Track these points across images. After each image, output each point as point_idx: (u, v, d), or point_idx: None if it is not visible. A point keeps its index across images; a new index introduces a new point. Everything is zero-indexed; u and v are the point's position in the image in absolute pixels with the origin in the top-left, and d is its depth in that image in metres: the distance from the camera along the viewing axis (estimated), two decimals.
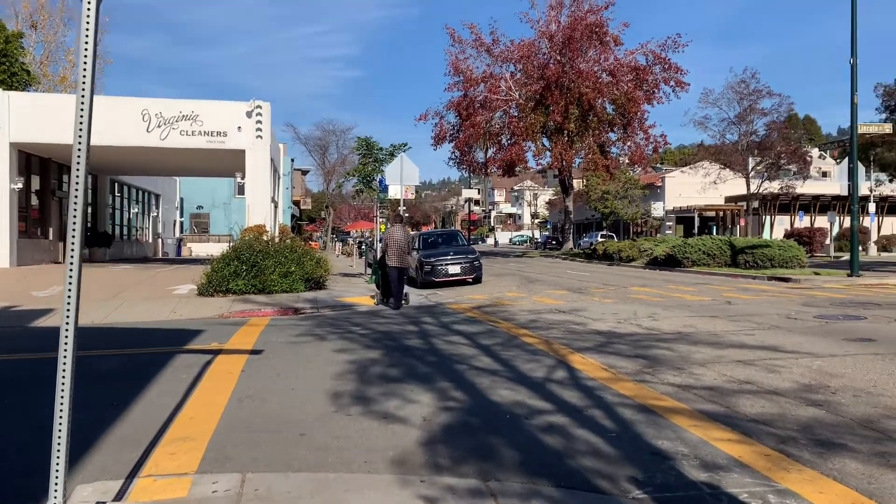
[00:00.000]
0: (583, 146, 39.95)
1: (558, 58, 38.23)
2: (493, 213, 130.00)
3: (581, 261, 36.49)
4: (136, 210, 39.21)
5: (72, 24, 49.50)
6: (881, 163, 34.18)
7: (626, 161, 42.82)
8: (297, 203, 66.37)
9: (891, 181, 36.73)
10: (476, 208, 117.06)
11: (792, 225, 57.38)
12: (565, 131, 39.35)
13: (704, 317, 12.24)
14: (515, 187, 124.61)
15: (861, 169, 20.38)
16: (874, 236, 52.19)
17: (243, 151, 23.61)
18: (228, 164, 25.37)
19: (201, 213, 52.91)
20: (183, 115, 23.16)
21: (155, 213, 43.30)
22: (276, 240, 19.69)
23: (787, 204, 57.52)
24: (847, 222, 57.26)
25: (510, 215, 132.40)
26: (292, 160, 65.20)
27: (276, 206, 30.17)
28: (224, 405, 6.35)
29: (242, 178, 24.11)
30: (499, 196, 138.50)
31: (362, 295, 17.65)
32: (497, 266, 32.39)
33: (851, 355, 8.26)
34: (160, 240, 44.13)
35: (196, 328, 11.64)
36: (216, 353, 9.05)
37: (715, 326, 10.93)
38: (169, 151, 23.95)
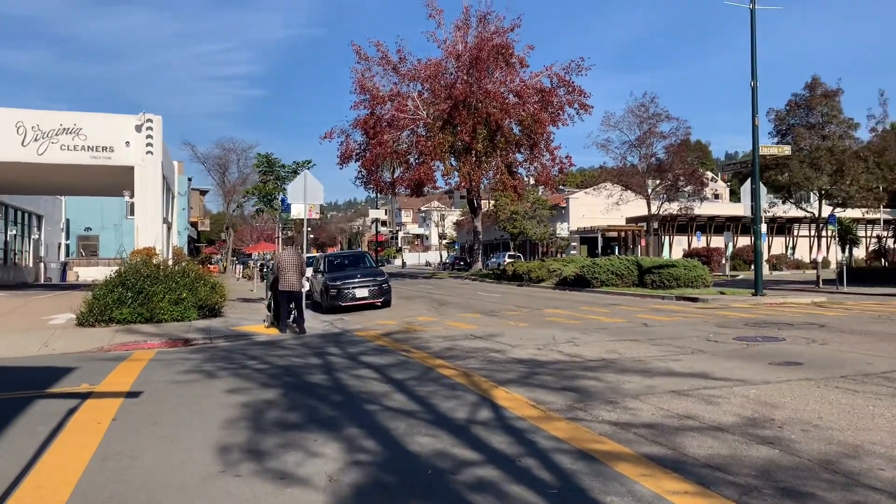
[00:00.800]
0: (490, 166, 39.79)
1: (465, 78, 38.03)
2: (401, 234, 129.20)
3: (491, 282, 36.14)
4: (14, 232, 35.99)
5: None
6: (774, 185, 35.67)
7: (533, 182, 42.97)
8: (194, 224, 63.40)
9: (783, 203, 38.34)
10: (383, 229, 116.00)
11: (690, 245, 59.51)
12: (473, 151, 39.09)
13: (625, 341, 11.77)
14: (423, 208, 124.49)
15: (762, 190, 20.85)
16: (765, 255, 54.59)
17: (132, 168, 21.78)
18: (116, 181, 23.42)
19: (90, 235, 49.38)
20: (64, 129, 21.16)
21: (36, 236, 39.98)
22: (168, 263, 18.15)
23: (685, 224, 59.63)
24: (741, 242, 59.98)
25: (417, 236, 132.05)
26: (189, 179, 62.40)
27: (169, 228, 28.17)
28: (84, 467, 5.18)
29: (131, 196, 22.24)
30: (406, 217, 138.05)
31: (261, 323, 16.37)
32: (406, 288, 31.52)
33: (785, 382, 7.86)
34: (42, 264, 40.78)
35: (67, 365, 10.17)
36: (85, 396, 7.74)
37: (639, 352, 10.44)
38: (47, 168, 21.80)
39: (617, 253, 57.94)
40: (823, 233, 36.76)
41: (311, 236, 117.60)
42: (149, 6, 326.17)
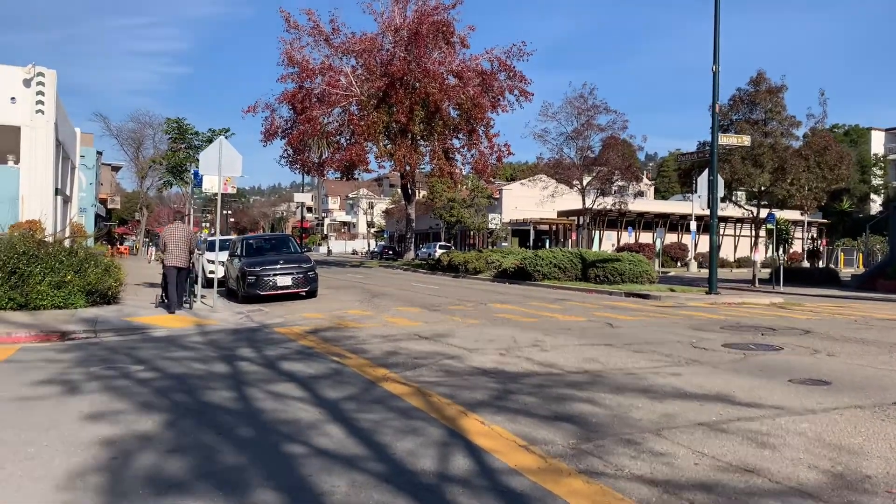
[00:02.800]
0: (427, 151, 37.67)
1: (403, 54, 35.69)
2: (327, 221, 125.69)
3: (425, 272, 34.09)
4: None
5: None
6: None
7: (469, 169, 41.09)
8: (103, 202, 58.73)
9: (722, 200, 37.75)
10: (309, 215, 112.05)
11: (619, 240, 59.08)
12: (409, 134, 36.88)
13: (599, 346, 9.96)
14: (351, 195, 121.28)
15: (721, 186, 19.55)
16: (692, 252, 54.59)
17: (18, 129, 18.71)
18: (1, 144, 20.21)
19: None
20: None
21: None
22: (61, 240, 15.39)
23: (615, 220, 59.17)
24: (670, 239, 60.00)
25: (344, 223, 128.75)
26: (100, 153, 57.68)
27: (66, 202, 24.92)
28: None
29: (16, 161, 19.14)
30: (333, 203, 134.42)
31: (163, 312, 13.85)
32: (334, 277, 29.15)
33: (833, 410, 6.14)
34: None
35: None
36: None
37: (623, 361, 8.62)
38: None
39: (548, 246, 56.96)
40: (762, 232, 36.28)
41: (232, 220, 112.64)
42: None
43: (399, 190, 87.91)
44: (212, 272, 16.64)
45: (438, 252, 52.38)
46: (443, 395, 6.59)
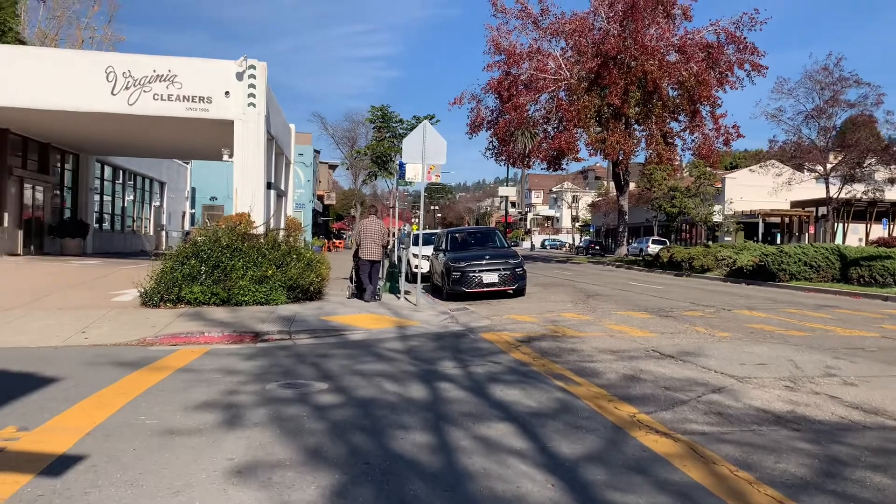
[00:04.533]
0: (642, 136, 34.45)
1: (618, 30, 32.73)
2: (530, 216, 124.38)
3: (640, 269, 31.07)
4: (132, 198, 34.81)
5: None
6: None
7: (692, 156, 37.09)
8: (320, 198, 61.78)
9: None
10: (512, 210, 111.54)
11: (867, 234, 51.14)
12: (623, 117, 33.91)
13: None
14: (554, 189, 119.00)
15: None
16: None
17: (231, 123, 18.82)
18: (215, 139, 20.64)
19: (215, 204, 48.16)
20: (157, 76, 18.40)
21: (157, 203, 38.91)
22: (260, 230, 14.99)
23: (862, 211, 51.34)
24: None
25: (548, 218, 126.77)
26: (317, 152, 60.75)
27: (280, 196, 25.34)
28: None
29: (230, 156, 19.33)
30: (536, 198, 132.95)
31: (366, 311, 12.73)
32: (540, 273, 27.23)
33: None
34: (164, 232, 39.73)
35: (56, 374, 6.80)
36: None
37: None
38: (139, 120, 19.17)
39: (780, 241, 50.66)
40: None
41: (438, 215, 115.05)
42: None
43: (606, 182, 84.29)
44: (417, 267, 15.52)
45: (651, 247, 48.56)
46: (733, 461, 4.34)
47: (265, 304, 12.53)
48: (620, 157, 34.96)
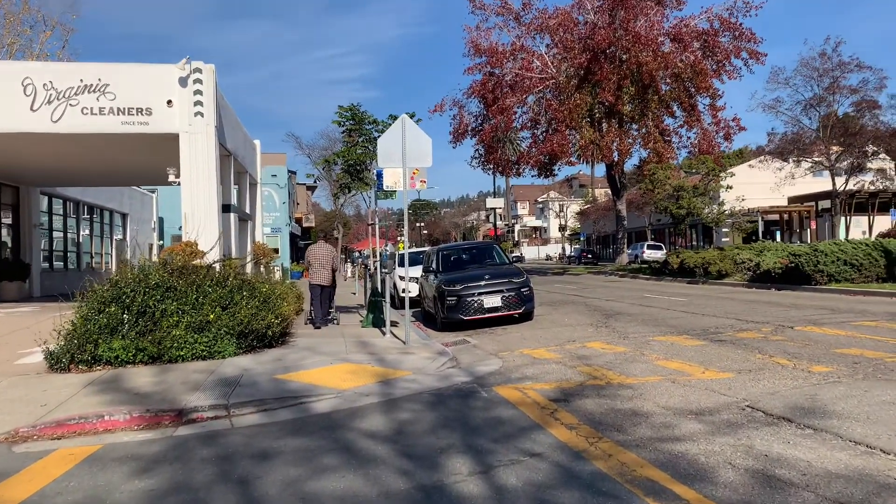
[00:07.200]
0: (640, 133, 31.91)
1: (608, 20, 30.22)
2: (517, 227, 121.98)
3: (647, 278, 28.42)
4: (88, 232, 31.75)
5: None
6: None
7: (688, 153, 34.57)
8: (299, 221, 58.81)
9: None
10: (499, 222, 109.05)
11: (871, 226, 48.90)
12: (618, 115, 31.40)
13: None
14: (539, 199, 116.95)
15: None
16: None
17: (176, 136, 15.96)
18: (161, 158, 17.71)
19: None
20: (85, 86, 15.50)
21: (119, 236, 35.84)
22: (207, 261, 12.21)
23: (864, 202, 49.20)
24: None
25: (535, 229, 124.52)
26: (293, 173, 57.92)
27: (244, 220, 22.37)
28: None
29: (177, 175, 16.48)
30: (522, 209, 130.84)
31: (340, 360, 9.92)
32: (541, 289, 24.48)
33: None
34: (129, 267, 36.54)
35: None
36: None
37: None
38: (66, 139, 16.19)
39: (779, 239, 48.27)
40: None
41: (424, 232, 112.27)
42: (267, 17, 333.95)
43: (591, 189, 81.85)
44: (405, 291, 12.73)
45: (647, 253, 45.93)
46: None
47: (208, 359, 9.71)
48: (616, 159, 32.43)
